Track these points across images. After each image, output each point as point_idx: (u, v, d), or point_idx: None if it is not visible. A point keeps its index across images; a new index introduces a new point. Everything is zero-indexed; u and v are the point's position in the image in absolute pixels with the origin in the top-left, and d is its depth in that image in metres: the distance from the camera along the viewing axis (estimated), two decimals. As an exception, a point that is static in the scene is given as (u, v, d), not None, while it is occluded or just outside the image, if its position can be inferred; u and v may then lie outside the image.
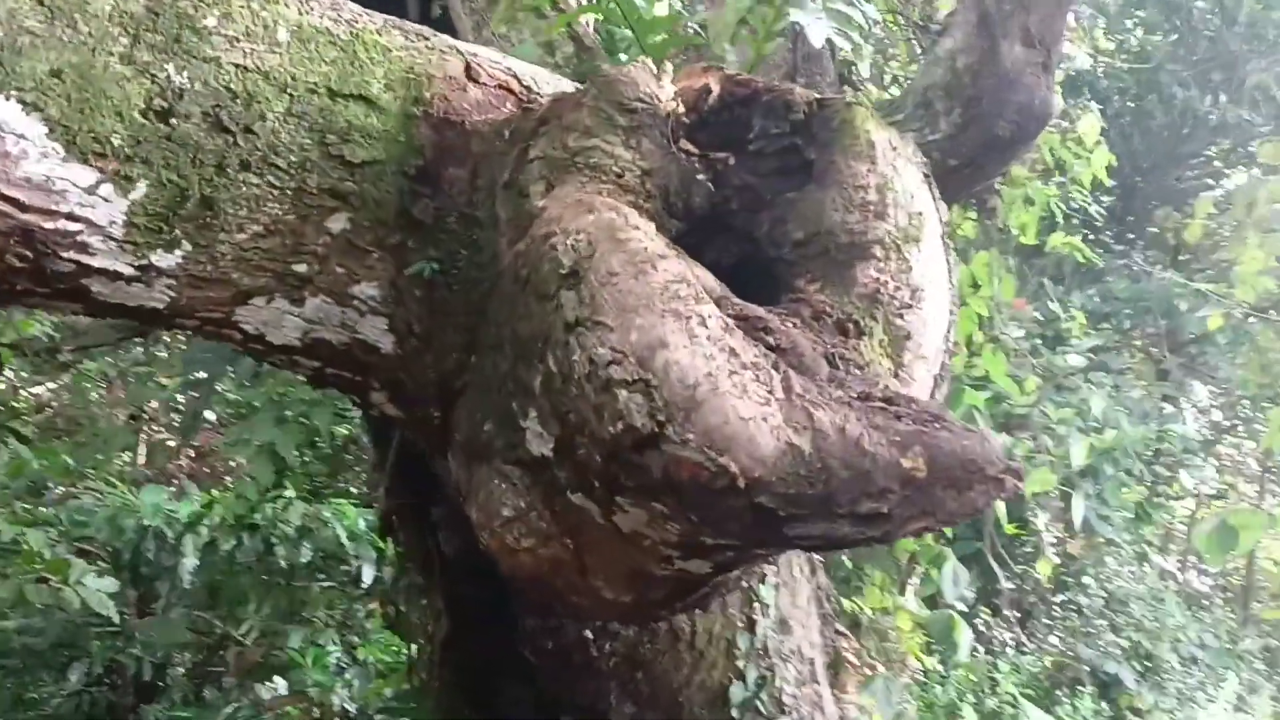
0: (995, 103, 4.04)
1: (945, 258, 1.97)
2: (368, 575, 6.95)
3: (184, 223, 2.00)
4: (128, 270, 1.99)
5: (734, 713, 3.35)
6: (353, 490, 7.77)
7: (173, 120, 1.93)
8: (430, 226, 2.17)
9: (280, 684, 6.84)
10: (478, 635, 4.06)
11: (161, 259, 2.00)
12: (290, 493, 6.30)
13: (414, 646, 4.75)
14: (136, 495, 6.55)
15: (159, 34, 1.92)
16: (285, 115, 2.06)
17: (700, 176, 2.02)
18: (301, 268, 2.16)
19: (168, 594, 6.61)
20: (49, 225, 1.85)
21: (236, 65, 2.01)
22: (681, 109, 2.03)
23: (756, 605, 3.27)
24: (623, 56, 5.39)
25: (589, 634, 3.26)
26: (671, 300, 1.63)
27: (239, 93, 2.01)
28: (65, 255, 1.90)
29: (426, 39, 2.34)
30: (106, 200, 1.89)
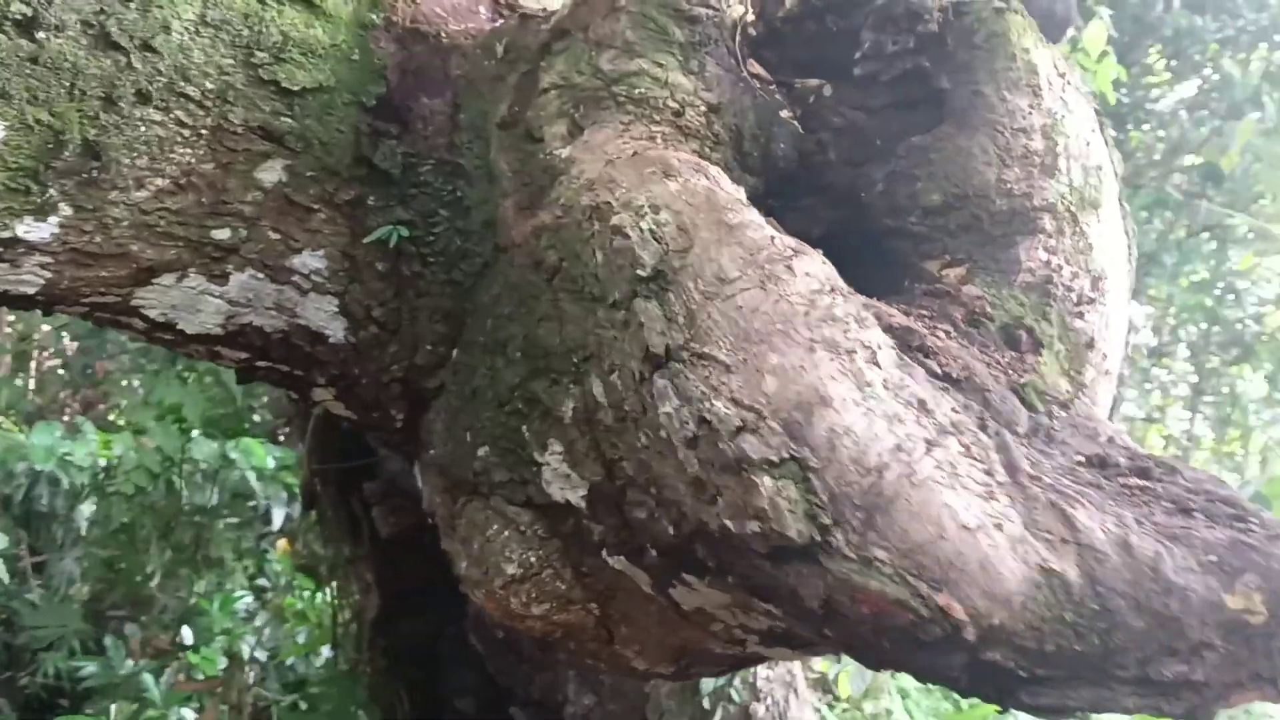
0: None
1: (1125, 227, 1.49)
2: (278, 517, 6.43)
3: (60, 178, 1.43)
4: (-21, 246, 1.42)
5: (705, 702, 3.01)
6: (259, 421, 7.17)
7: (39, 35, 1.36)
8: (397, 177, 1.64)
9: (186, 633, 6.33)
10: (413, 615, 3.65)
11: (29, 229, 1.44)
12: (195, 432, 5.69)
13: (337, 616, 4.29)
14: (26, 433, 5.86)
15: (11, -95, 1.33)
16: (198, 25, 1.49)
17: (784, 113, 1.49)
18: (223, 234, 1.61)
19: (63, 538, 6.00)
20: None
21: (127, -46, 1.43)
22: (750, 15, 1.50)
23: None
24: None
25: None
26: (823, 324, 1.12)
27: (132, -7, 1.43)
28: (-118, 229, 1.34)
29: (380, -80, 1.77)
30: (-57, 150, 1.32)
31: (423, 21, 1.67)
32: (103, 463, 5.66)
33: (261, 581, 6.86)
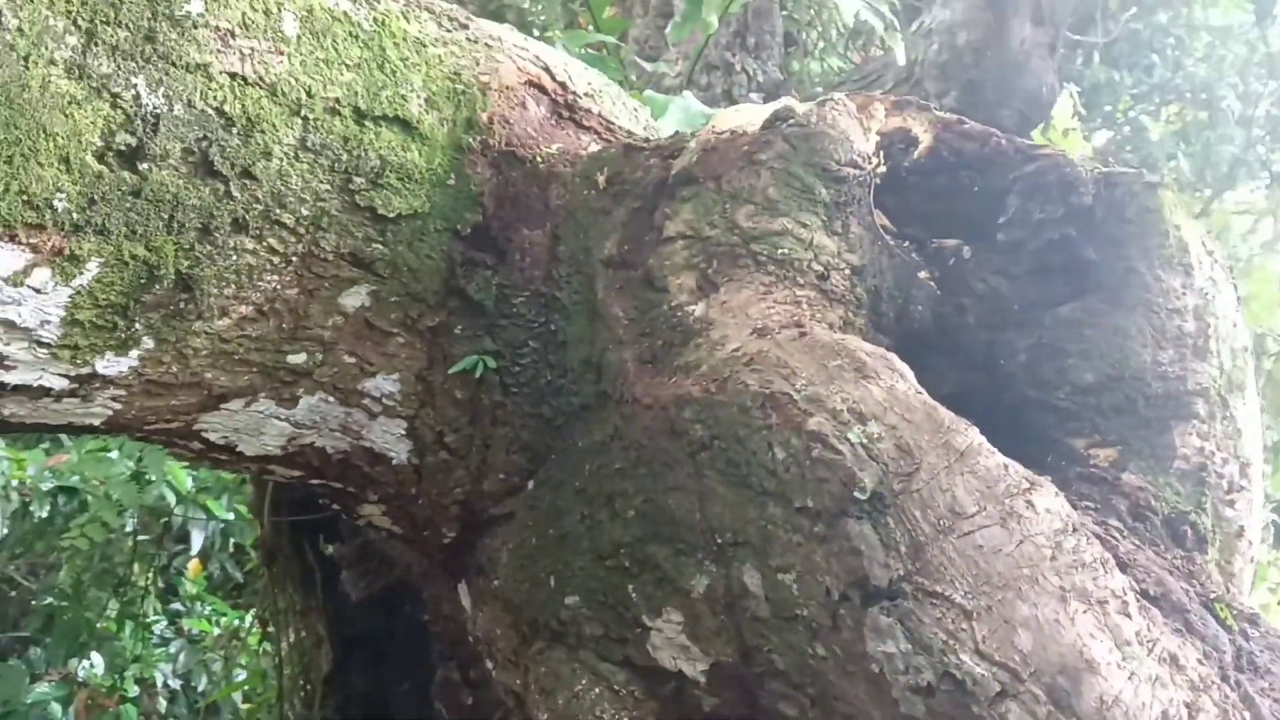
0: (1000, 88, 3.63)
1: (1258, 402, 1.50)
2: (197, 540, 6.20)
3: (148, 312, 1.33)
4: (59, 385, 1.31)
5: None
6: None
7: (142, 165, 1.25)
8: (489, 309, 1.57)
9: (97, 659, 6.05)
10: (368, 673, 3.54)
11: (109, 365, 1.34)
12: (115, 453, 5.43)
13: (283, 669, 4.13)
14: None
15: (122, 27, 1.22)
16: (298, 149, 1.40)
17: (923, 274, 1.46)
18: (299, 358, 1.52)
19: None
20: (-55, 336, 1.16)
21: (231, 75, 1.33)
22: (882, 168, 1.46)
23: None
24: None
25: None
26: (1072, 570, 1.05)
27: (235, 117, 1.33)
28: (-33, 373, 1.22)
29: (463, 25, 1.69)
30: (39, 292, 1.21)
31: (518, 144, 1.60)
32: (15, 482, 5.36)
33: (176, 605, 6.61)
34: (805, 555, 1.14)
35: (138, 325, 1.33)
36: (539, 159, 1.61)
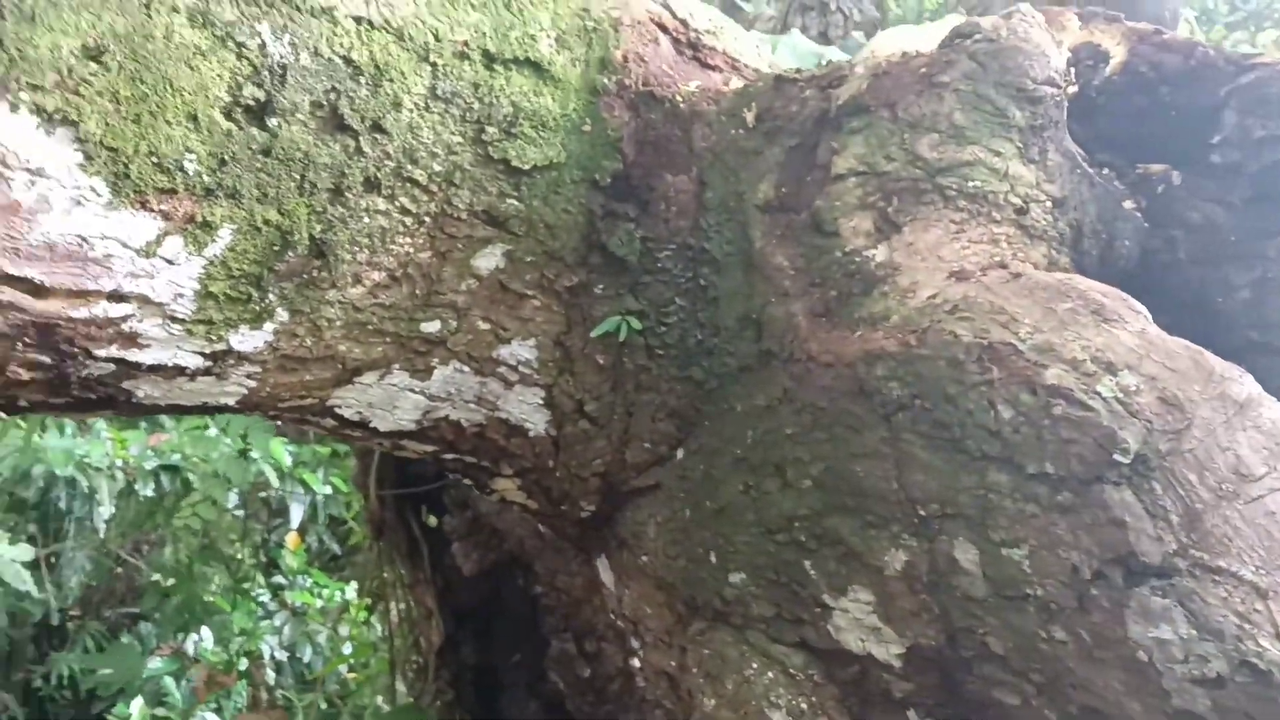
0: (1123, 8, 3.40)
1: None
2: (296, 514, 6.26)
3: (281, 282, 1.23)
4: (194, 363, 1.22)
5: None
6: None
7: (271, 121, 1.15)
8: (633, 264, 1.45)
9: (206, 634, 6.15)
10: (478, 645, 3.51)
11: (244, 339, 1.24)
12: (212, 431, 5.46)
13: (394, 643, 4.12)
14: (40, 434, 5.61)
15: (245, -30, 1.11)
16: (428, 99, 1.29)
17: (1127, 204, 1.31)
18: (433, 326, 1.42)
19: (75, 536, 5.79)
20: (79, 314, 1.07)
21: (357, 20, 1.22)
22: (1073, 86, 1.30)
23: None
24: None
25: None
26: None
27: (363, 66, 1.22)
28: (102, 354, 1.13)
29: (585, -42, 1.56)
30: (171, 263, 1.12)
31: (655, 84, 1.47)
32: (119, 462, 5.43)
33: (276, 579, 6.68)
34: (1041, 528, 1.01)
35: (271, 296, 1.23)
36: (679, 98, 1.48)
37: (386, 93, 1.25)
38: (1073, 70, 1.28)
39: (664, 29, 1.62)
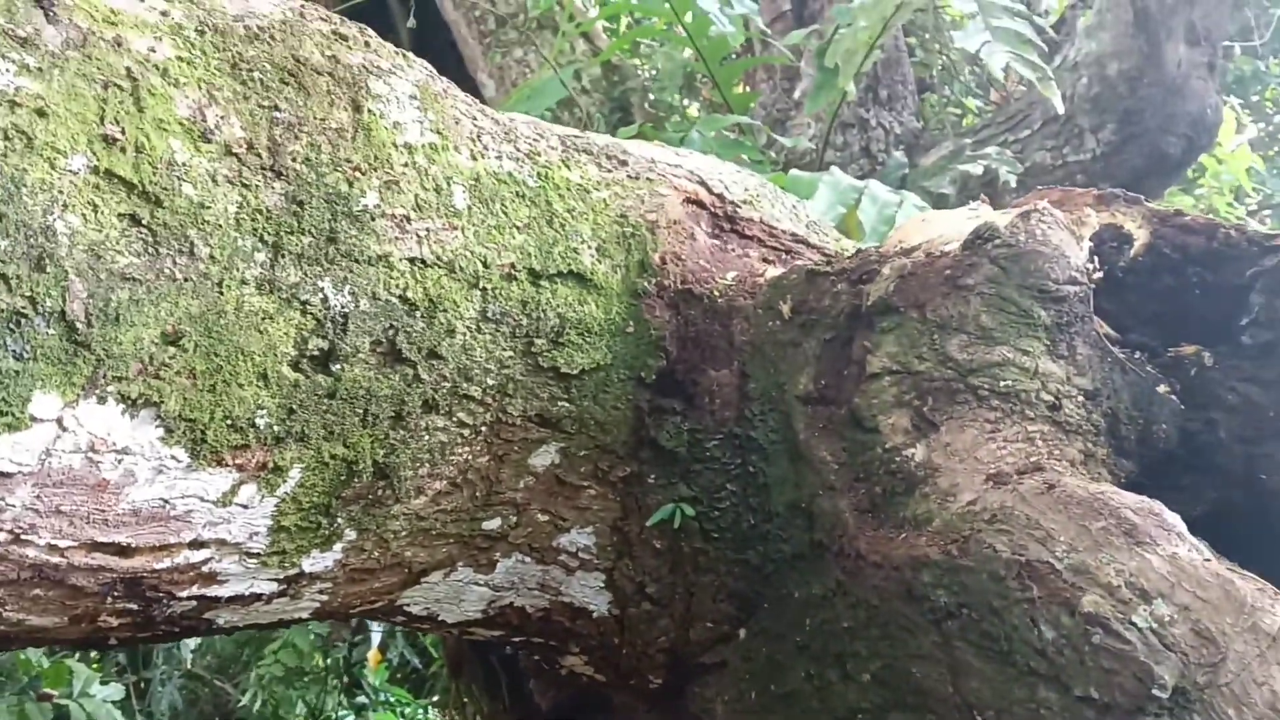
0: (1161, 115, 3.42)
1: None
2: (376, 633, 6.33)
3: (348, 506, 1.31)
4: (269, 589, 1.30)
5: None
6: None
7: (335, 366, 1.24)
8: (683, 455, 1.51)
9: (291, 758, 6.20)
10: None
11: (315, 562, 1.32)
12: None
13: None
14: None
15: (305, 234, 1.21)
16: (479, 322, 1.38)
17: (1161, 389, 1.34)
18: (493, 524, 1.49)
19: (164, 664, 5.93)
20: (163, 565, 1.16)
21: (411, 260, 1.31)
22: (1098, 273, 1.34)
23: None
24: (660, 80, 4.64)
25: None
26: None
27: (418, 302, 1.31)
28: (184, 594, 1.21)
29: (621, 160, 1.65)
30: (246, 507, 1.20)
31: (693, 281, 1.54)
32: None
33: (360, 699, 6.73)
34: None
35: (339, 520, 1.31)
36: (716, 293, 1.55)
37: (440, 322, 1.34)
38: (1095, 258, 1.32)
39: (701, 206, 1.70)
